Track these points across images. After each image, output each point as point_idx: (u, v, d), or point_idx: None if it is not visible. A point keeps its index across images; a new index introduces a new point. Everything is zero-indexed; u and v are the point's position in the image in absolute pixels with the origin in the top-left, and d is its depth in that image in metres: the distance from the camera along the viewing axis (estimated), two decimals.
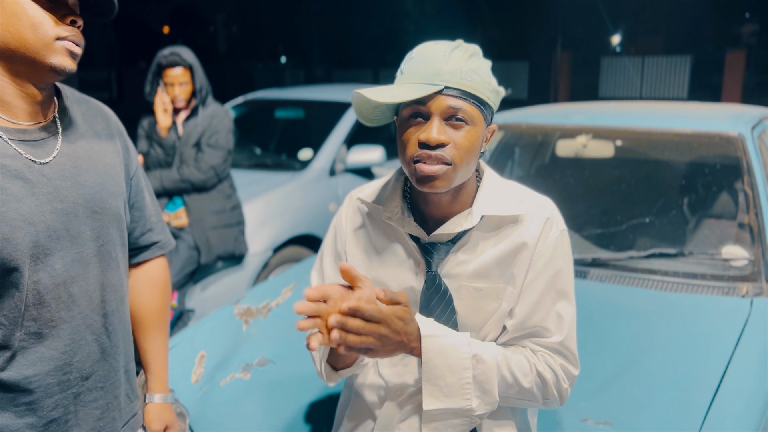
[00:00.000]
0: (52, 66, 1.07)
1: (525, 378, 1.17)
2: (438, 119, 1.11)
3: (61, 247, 1.11)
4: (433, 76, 1.11)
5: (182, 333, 2.07)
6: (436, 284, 1.21)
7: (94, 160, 1.20)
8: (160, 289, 1.44)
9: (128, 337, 1.30)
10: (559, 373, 1.19)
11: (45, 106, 1.14)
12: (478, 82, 1.12)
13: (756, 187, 2.32)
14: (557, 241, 1.20)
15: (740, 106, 3.32)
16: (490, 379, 1.14)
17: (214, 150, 3.22)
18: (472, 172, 1.18)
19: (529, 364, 1.18)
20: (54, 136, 1.14)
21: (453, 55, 1.12)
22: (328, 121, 4.55)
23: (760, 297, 2.01)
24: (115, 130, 1.29)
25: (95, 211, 1.17)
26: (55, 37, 1.07)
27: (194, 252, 3.24)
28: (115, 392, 1.23)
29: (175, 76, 3.15)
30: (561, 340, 1.19)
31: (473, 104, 1.12)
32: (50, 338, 1.11)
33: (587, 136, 2.74)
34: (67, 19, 1.08)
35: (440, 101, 1.10)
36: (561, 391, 1.20)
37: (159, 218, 1.42)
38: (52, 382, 1.12)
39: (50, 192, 1.10)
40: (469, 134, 1.12)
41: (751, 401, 1.58)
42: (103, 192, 1.19)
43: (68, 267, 1.12)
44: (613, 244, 2.45)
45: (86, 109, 1.25)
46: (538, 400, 1.20)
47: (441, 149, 1.11)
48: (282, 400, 1.76)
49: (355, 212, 1.33)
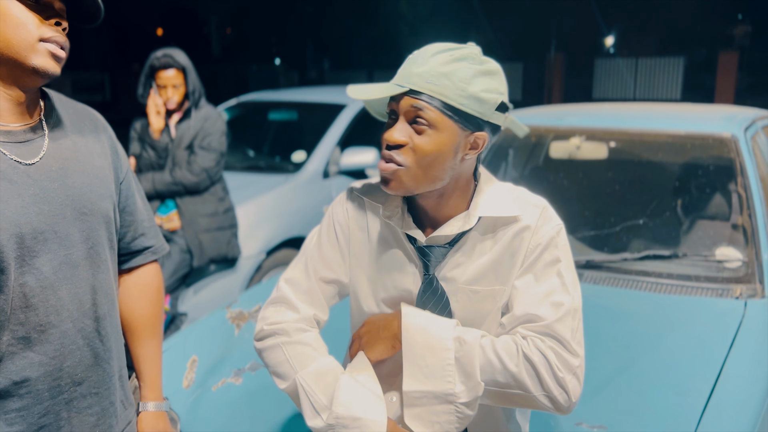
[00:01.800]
0: (35, 68, 1.06)
1: (511, 360, 1.11)
2: (402, 120, 1.13)
3: (49, 249, 1.09)
4: (403, 78, 1.12)
5: (173, 337, 2.05)
6: (433, 287, 1.20)
7: (82, 162, 1.18)
8: (153, 295, 1.41)
9: (120, 341, 1.28)
10: (551, 357, 1.11)
11: (30, 108, 1.13)
12: (446, 86, 1.09)
13: (749, 189, 2.32)
14: (552, 234, 1.18)
15: (733, 107, 3.32)
16: (473, 361, 1.11)
17: (207, 152, 3.20)
18: (442, 179, 1.14)
19: (516, 346, 1.13)
20: (40, 137, 1.13)
21: (433, 59, 1.11)
22: (321, 123, 4.53)
23: (754, 298, 2.01)
24: (103, 132, 1.28)
25: (83, 212, 1.15)
26: (38, 38, 1.06)
27: (187, 255, 3.22)
28: (111, 398, 1.22)
29: (168, 78, 3.14)
30: (549, 322, 1.13)
31: (438, 109, 1.10)
32: (39, 343, 1.09)
33: (581, 138, 2.73)
34: (51, 21, 1.07)
35: (405, 102, 1.11)
36: (560, 381, 1.10)
37: (152, 223, 1.40)
38: (42, 388, 1.10)
39: (36, 193, 1.09)
40: (431, 139, 1.10)
41: (746, 403, 1.57)
42: (91, 193, 1.17)
43: (56, 269, 1.10)
44: (607, 245, 2.45)
45: (73, 111, 1.24)
46: (533, 391, 1.11)
47: (397, 150, 1.12)
48: (274, 405, 1.74)
49: (354, 207, 1.29)
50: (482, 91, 1.11)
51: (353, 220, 1.28)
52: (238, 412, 1.74)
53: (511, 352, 1.12)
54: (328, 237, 1.30)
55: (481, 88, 1.11)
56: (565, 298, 1.15)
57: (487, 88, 1.11)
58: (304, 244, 1.34)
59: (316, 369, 1.21)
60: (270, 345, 1.26)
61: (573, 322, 1.14)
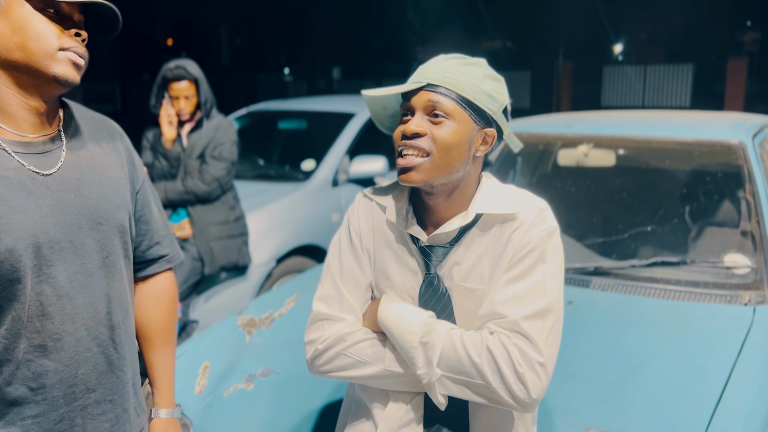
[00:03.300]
0: (56, 76, 1.09)
1: (475, 351, 1.14)
2: (420, 113, 1.18)
3: (65, 258, 1.11)
4: (419, 77, 1.19)
5: (186, 344, 2.07)
6: (434, 286, 1.23)
7: (98, 172, 1.20)
8: (168, 304, 1.43)
9: (134, 349, 1.30)
10: (513, 352, 1.13)
11: (50, 118, 1.16)
12: (462, 81, 1.17)
13: (758, 195, 2.32)
14: (543, 235, 1.20)
15: (741, 114, 3.32)
16: (435, 347, 1.16)
17: (218, 162, 3.24)
18: (458, 171, 1.18)
19: (481, 339, 1.16)
20: (58, 148, 1.15)
21: (446, 62, 1.20)
22: (330, 131, 4.57)
23: (762, 305, 2.01)
24: (120, 143, 1.30)
25: (99, 222, 1.17)
26: (59, 48, 1.09)
27: (198, 263, 3.25)
28: (125, 405, 1.23)
29: (181, 90, 3.18)
30: (516, 319, 1.15)
31: (454, 101, 1.16)
32: (55, 351, 1.11)
33: (589, 145, 2.74)
34: (71, 31, 1.10)
35: (421, 96, 1.17)
36: (520, 377, 1.12)
37: (167, 231, 1.42)
38: (57, 395, 1.12)
39: (53, 204, 1.11)
40: (449, 129, 1.16)
41: (754, 410, 1.57)
42: (107, 204, 1.20)
43: (72, 279, 1.12)
44: (615, 252, 2.46)
45: (91, 122, 1.26)
46: (493, 384, 1.13)
47: (417, 139, 1.16)
48: (285, 410, 1.76)
49: (364, 209, 1.34)
50: (492, 91, 1.19)
51: (363, 221, 1.32)
52: (250, 417, 1.76)
53: (475, 344, 1.16)
54: (348, 244, 1.33)
55: (491, 88, 1.19)
56: (540, 299, 1.17)
57: (495, 89, 1.20)
58: (327, 259, 1.37)
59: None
60: (330, 357, 1.27)
61: (543, 323, 1.16)
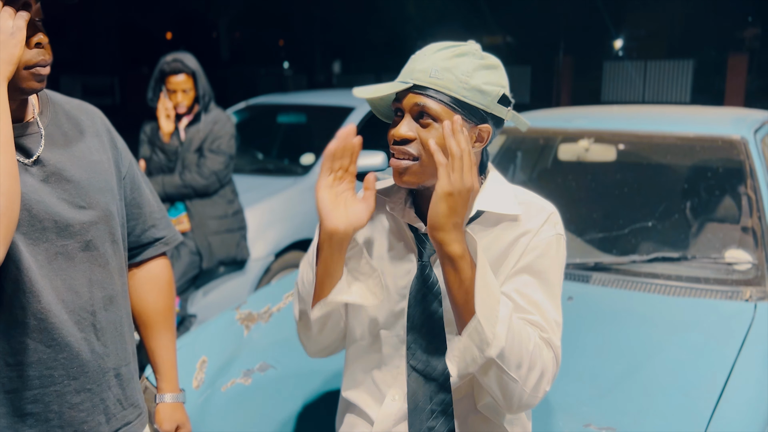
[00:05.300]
0: (21, 88, 1.07)
1: (532, 338, 1.11)
2: (408, 116, 1.15)
3: (46, 239, 1.12)
4: (407, 75, 1.15)
5: (183, 338, 2.06)
6: (425, 275, 1.22)
7: (79, 157, 1.19)
8: (165, 288, 1.43)
9: (121, 339, 1.26)
10: (554, 368, 1.14)
11: (22, 108, 1.14)
12: (449, 80, 1.12)
13: (759, 191, 2.31)
14: (551, 241, 1.19)
15: (743, 109, 3.31)
16: (509, 314, 1.08)
17: (216, 155, 3.22)
18: None
19: (538, 340, 1.13)
20: (36, 133, 1.14)
21: (435, 55, 1.14)
22: (330, 125, 4.53)
23: (763, 301, 2.01)
24: (102, 127, 1.28)
25: (81, 206, 1.17)
26: (23, 67, 1.05)
27: (196, 257, 3.24)
28: (102, 395, 1.21)
29: (178, 83, 3.16)
30: (550, 336, 1.14)
31: (442, 103, 1.12)
32: (37, 330, 1.11)
33: (589, 140, 2.73)
34: (31, 43, 1.06)
35: (409, 98, 1.14)
36: (544, 391, 1.12)
37: (162, 214, 1.40)
38: (32, 374, 1.12)
39: (35, 189, 1.10)
40: (438, 133, 1.12)
41: (754, 406, 1.57)
42: (90, 187, 1.19)
43: (52, 259, 1.12)
44: (616, 248, 2.45)
45: (69, 108, 1.25)
46: (527, 386, 1.10)
47: (406, 144, 1.15)
48: (283, 405, 1.75)
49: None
50: (484, 84, 1.14)
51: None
52: (247, 412, 1.75)
53: (537, 344, 1.11)
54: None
55: (482, 80, 1.14)
56: (548, 306, 1.16)
57: (488, 80, 1.15)
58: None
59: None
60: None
61: (559, 332, 1.17)
